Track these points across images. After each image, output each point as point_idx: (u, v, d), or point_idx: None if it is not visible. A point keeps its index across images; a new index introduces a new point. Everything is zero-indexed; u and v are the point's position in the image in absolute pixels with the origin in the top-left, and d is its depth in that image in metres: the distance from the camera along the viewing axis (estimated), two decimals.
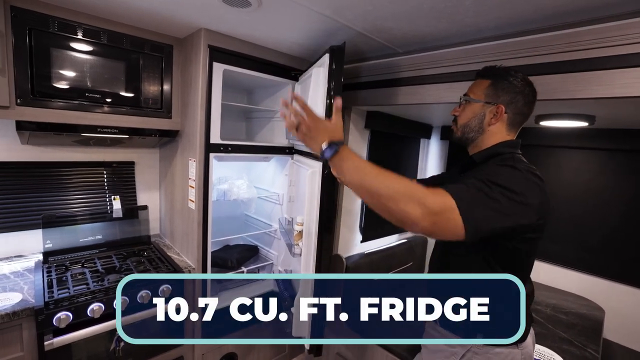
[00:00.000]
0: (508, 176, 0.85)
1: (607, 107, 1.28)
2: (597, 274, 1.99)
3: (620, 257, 1.92)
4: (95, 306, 1.30)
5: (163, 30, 1.55)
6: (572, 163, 2.05)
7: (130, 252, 1.75)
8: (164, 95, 1.62)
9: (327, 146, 0.87)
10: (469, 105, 1.03)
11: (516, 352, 0.97)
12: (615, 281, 1.92)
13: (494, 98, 0.98)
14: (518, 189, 0.81)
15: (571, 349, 1.42)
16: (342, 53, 1.27)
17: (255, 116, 2.22)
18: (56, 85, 1.33)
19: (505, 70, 0.99)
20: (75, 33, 1.35)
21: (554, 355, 1.36)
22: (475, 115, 1.01)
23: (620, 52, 0.98)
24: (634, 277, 1.87)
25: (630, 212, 1.87)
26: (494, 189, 0.80)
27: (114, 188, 1.83)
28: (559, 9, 1.02)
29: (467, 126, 1.03)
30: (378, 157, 2.21)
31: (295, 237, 1.45)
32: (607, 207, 1.95)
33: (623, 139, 1.81)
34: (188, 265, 1.64)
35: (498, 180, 0.82)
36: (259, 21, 1.34)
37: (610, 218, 1.94)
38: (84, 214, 1.73)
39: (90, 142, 1.64)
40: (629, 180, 1.88)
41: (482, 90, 1.00)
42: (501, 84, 0.97)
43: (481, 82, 1.02)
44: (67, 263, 1.57)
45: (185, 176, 1.67)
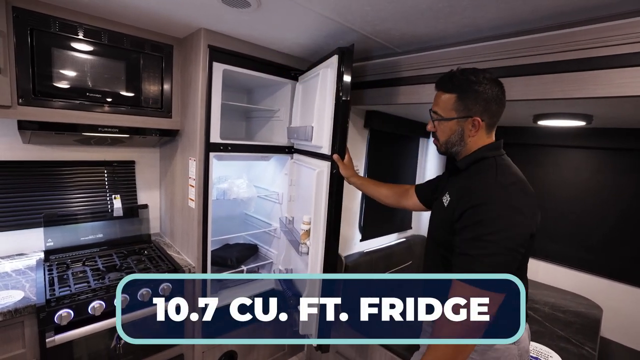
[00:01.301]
0: (491, 218, 0.84)
1: (605, 107, 1.29)
2: (596, 272, 2.00)
3: (618, 256, 1.92)
4: (96, 304, 1.32)
5: (163, 30, 1.56)
6: (570, 162, 2.06)
7: (130, 251, 1.76)
8: (164, 94, 1.63)
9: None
10: (443, 123, 1.00)
11: (513, 347, 0.98)
12: (614, 280, 1.93)
13: (466, 112, 0.96)
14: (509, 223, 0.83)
15: (568, 347, 1.43)
16: (351, 55, 1.28)
17: (255, 115, 2.23)
18: (57, 85, 1.34)
19: (466, 80, 0.95)
20: (76, 33, 1.36)
21: (552, 353, 1.37)
22: (453, 131, 0.99)
23: (617, 51, 0.99)
24: (632, 276, 1.88)
25: (628, 210, 1.88)
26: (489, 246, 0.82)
27: (115, 187, 1.84)
28: (556, 9, 1.03)
29: (448, 142, 1.01)
30: (377, 156, 2.22)
31: (302, 236, 1.46)
32: (605, 206, 1.96)
33: (621, 138, 1.81)
34: (188, 264, 1.65)
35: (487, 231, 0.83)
36: (258, 21, 1.35)
37: (608, 217, 1.95)
38: (85, 212, 1.74)
39: (91, 141, 1.65)
40: (627, 179, 1.88)
41: (450, 106, 0.97)
42: (468, 95, 0.94)
43: (446, 97, 0.98)
44: (69, 261, 1.59)
45: (185, 175, 1.68)
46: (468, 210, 0.87)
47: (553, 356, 1.36)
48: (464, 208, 0.88)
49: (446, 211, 0.97)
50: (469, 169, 0.98)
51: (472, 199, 0.87)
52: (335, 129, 1.32)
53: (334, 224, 1.34)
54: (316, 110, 1.40)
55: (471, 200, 0.87)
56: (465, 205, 0.88)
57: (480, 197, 0.86)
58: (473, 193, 0.89)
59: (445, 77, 1.00)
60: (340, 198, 1.35)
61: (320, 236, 1.37)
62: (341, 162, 1.37)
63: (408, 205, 1.39)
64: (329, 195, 1.36)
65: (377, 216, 2.28)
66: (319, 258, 1.39)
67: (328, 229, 1.35)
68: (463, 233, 0.88)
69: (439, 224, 1.02)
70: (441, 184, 1.15)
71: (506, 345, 0.98)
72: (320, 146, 1.42)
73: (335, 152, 1.34)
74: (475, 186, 0.90)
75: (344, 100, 1.28)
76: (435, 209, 1.08)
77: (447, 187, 1.03)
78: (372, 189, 1.45)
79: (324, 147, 1.40)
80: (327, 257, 1.37)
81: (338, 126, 1.30)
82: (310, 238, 1.42)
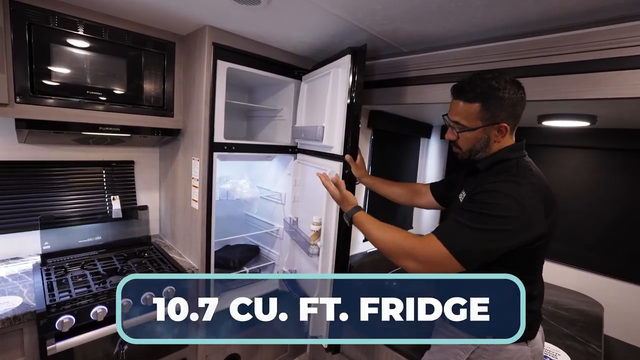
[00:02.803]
0: (498, 202, 0.85)
1: (610, 107, 1.30)
2: (596, 271, 2.03)
3: (618, 254, 1.96)
4: (99, 309, 1.27)
5: (165, 27, 1.52)
6: (571, 162, 2.09)
7: (131, 253, 1.71)
8: (166, 93, 1.59)
9: (346, 213, 1.17)
10: (467, 133, 0.97)
11: (526, 349, 0.98)
12: (614, 278, 1.96)
13: (492, 119, 0.93)
14: (508, 213, 0.83)
15: (575, 345, 1.45)
16: (364, 55, 1.27)
17: (256, 115, 2.20)
18: (56, 83, 1.29)
19: (489, 87, 0.91)
20: (75, 29, 1.32)
21: (559, 352, 1.38)
22: (478, 139, 0.97)
23: (629, 53, 1.00)
24: (632, 274, 1.91)
25: (628, 210, 1.92)
26: (485, 219, 0.84)
27: (113, 188, 1.79)
28: (566, 11, 1.03)
29: (472, 150, 1.00)
30: (380, 156, 2.21)
31: (312, 237, 1.43)
32: (606, 205, 1.99)
33: (621, 139, 1.84)
34: (191, 266, 1.62)
35: (488, 209, 0.85)
36: (265, 19, 1.32)
37: (608, 216, 1.98)
38: (82, 214, 1.68)
39: (89, 141, 1.60)
40: (627, 179, 1.92)
41: (475, 116, 0.94)
42: (492, 102, 0.92)
43: (469, 107, 0.94)
44: (67, 265, 1.53)
45: (187, 176, 1.64)
46: (479, 193, 0.89)
47: (561, 354, 1.37)
48: (477, 191, 0.90)
49: (460, 205, 0.97)
50: (490, 170, 0.98)
51: (487, 186, 0.89)
52: (348, 129, 1.30)
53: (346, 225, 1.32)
54: (327, 110, 1.38)
55: (485, 186, 0.89)
56: (478, 189, 0.90)
57: (495, 186, 0.88)
58: (489, 183, 0.90)
59: (465, 85, 0.95)
60: None
61: (332, 237, 1.35)
62: (353, 162, 1.35)
63: (421, 203, 1.38)
64: None
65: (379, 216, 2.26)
66: (330, 259, 1.37)
67: (339, 230, 1.33)
68: (465, 204, 0.91)
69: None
70: (458, 183, 1.14)
71: (519, 346, 0.98)
72: (331, 146, 1.40)
73: (347, 153, 1.33)
74: (492, 184, 0.90)
75: (356, 101, 1.26)
76: (453, 207, 1.09)
77: (465, 186, 1.03)
78: (384, 189, 1.44)
79: (335, 147, 1.38)
80: (338, 258, 1.35)
81: (350, 126, 1.29)
82: (321, 239, 1.40)
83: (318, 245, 1.42)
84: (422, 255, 0.89)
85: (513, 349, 0.97)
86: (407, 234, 0.97)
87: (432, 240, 0.88)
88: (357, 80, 1.25)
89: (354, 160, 1.35)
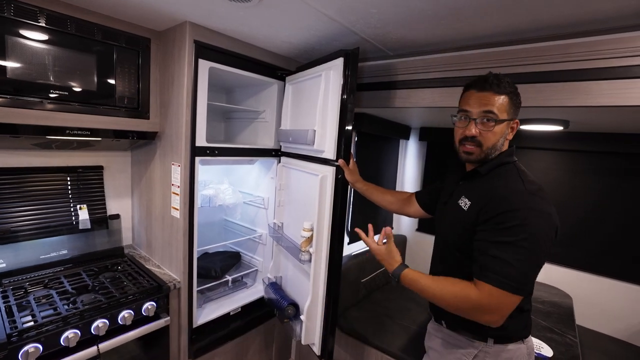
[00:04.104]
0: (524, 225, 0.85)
1: (582, 113, 1.39)
2: (564, 264, 2.19)
3: (584, 248, 2.12)
4: (70, 334, 1.14)
5: (138, 21, 1.40)
6: (542, 163, 2.23)
7: (102, 267, 1.57)
8: (142, 93, 1.46)
9: (392, 274, 1.07)
10: (497, 126, 0.95)
11: (522, 347, 1.02)
12: (581, 270, 2.12)
13: (513, 114, 0.97)
14: (538, 231, 0.86)
15: (554, 337, 1.54)
16: (357, 58, 1.24)
17: (235, 117, 2.11)
18: (13, 80, 1.14)
19: (509, 83, 0.96)
20: (36, 19, 1.17)
21: (542, 344, 1.46)
22: (502, 134, 0.97)
23: (606, 65, 1.06)
24: (597, 267, 2.08)
25: (595, 208, 2.08)
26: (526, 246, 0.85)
27: (80, 196, 1.63)
28: (553, 21, 1.08)
29: (494, 147, 0.97)
30: (363, 157, 2.21)
31: (303, 243, 1.39)
32: (575, 203, 2.14)
33: (591, 141, 1.99)
34: (172, 279, 1.51)
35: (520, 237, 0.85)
36: (253, 17, 1.26)
37: (577, 214, 2.14)
38: (44, 226, 1.51)
39: (52, 145, 1.44)
40: (594, 179, 2.08)
41: (505, 108, 0.95)
42: (515, 98, 0.97)
43: (500, 99, 0.94)
44: (27, 285, 1.37)
45: (166, 182, 1.53)
46: (500, 214, 0.88)
47: (544, 347, 1.45)
48: (495, 212, 0.89)
49: (467, 215, 0.97)
50: (490, 174, 0.99)
51: (504, 205, 0.88)
52: (341, 133, 1.27)
53: (339, 229, 1.30)
54: (319, 114, 1.34)
55: (502, 205, 0.88)
56: (496, 209, 0.89)
57: (513, 204, 0.87)
58: (504, 199, 0.89)
59: (490, 78, 0.96)
60: (345, 203, 1.31)
61: (324, 243, 1.32)
62: (347, 167, 1.33)
63: (410, 212, 1.39)
64: (333, 201, 1.31)
65: (362, 219, 2.28)
66: (322, 265, 1.34)
67: (333, 235, 1.30)
68: (492, 236, 0.89)
69: (456, 228, 1.01)
70: (447, 191, 1.14)
71: (517, 345, 1.01)
72: (323, 150, 1.36)
73: (340, 157, 1.30)
74: (505, 192, 0.91)
75: (350, 105, 1.24)
76: (449, 213, 1.07)
77: (463, 192, 1.03)
78: (376, 196, 1.44)
79: (326, 151, 1.35)
80: (331, 264, 1.32)
81: (343, 130, 1.26)
82: (313, 245, 1.36)
83: (310, 252, 1.38)
84: (492, 307, 0.87)
85: (512, 348, 1.01)
86: (463, 285, 0.92)
87: (491, 290, 0.86)
88: (351, 83, 1.23)
89: (347, 165, 1.33)
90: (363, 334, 1.82)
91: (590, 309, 2.08)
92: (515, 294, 0.85)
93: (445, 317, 1.11)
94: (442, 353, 1.11)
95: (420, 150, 2.77)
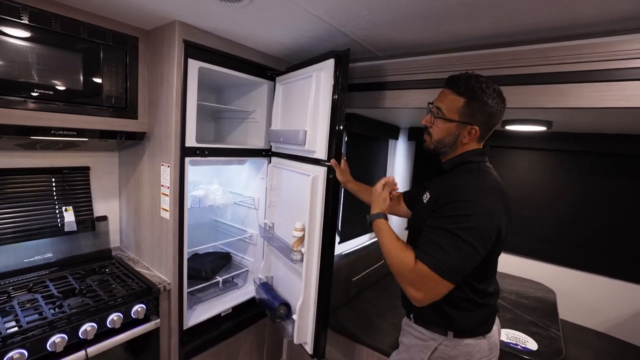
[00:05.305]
0: (465, 216, 0.87)
1: (564, 114, 1.44)
2: (548, 260, 2.26)
3: (566, 245, 2.19)
4: (57, 338, 1.12)
5: (126, 20, 1.38)
6: (525, 163, 2.29)
7: (89, 270, 1.54)
8: (129, 93, 1.44)
9: (369, 215, 1.11)
10: (442, 122, 1.00)
11: (483, 342, 1.04)
12: (564, 266, 2.19)
13: (469, 119, 0.97)
14: (479, 224, 0.87)
15: (538, 331, 1.59)
16: (347, 59, 1.26)
17: (225, 117, 2.09)
18: None
19: (479, 88, 0.95)
20: (18, 16, 1.14)
21: (527, 338, 1.51)
22: (450, 133, 1.00)
23: (586, 68, 1.11)
24: (579, 262, 2.15)
25: (578, 206, 2.15)
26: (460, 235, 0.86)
27: (65, 198, 1.59)
28: (537, 25, 1.12)
29: (440, 142, 1.02)
30: (354, 157, 2.23)
31: (295, 243, 1.39)
32: (558, 201, 2.21)
33: (575, 142, 2.06)
34: (162, 281, 1.49)
35: (458, 225, 0.87)
36: (244, 17, 1.25)
37: (559, 211, 2.21)
38: (28, 229, 1.47)
39: (37, 145, 1.40)
40: (578, 178, 2.15)
41: (456, 109, 0.97)
42: (477, 104, 0.95)
43: (455, 99, 0.97)
44: (10, 289, 1.33)
45: (155, 183, 1.51)
46: (447, 204, 0.91)
47: (529, 341, 1.49)
48: (443, 202, 0.92)
49: (426, 207, 1.01)
50: (454, 171, 1.02)
51: (454, 195, 0.91)
52: (332, 133, 1.28)
53: (331, 229, 1.31)
54: (310, 114, 1.35)
55: (452, 195, 0.91)
56: (445, 200, 0.92)
57: (461, 195, 0.90)
58: (454, 190, 0.92)
59: (460, 78, 0.98)
60: (337, 203, 1.32)
61: (316, 242, 1.33)
62: (338, 167, 1.34)
63: (399, 212, 1.41)
64: (325, 201, 1.32)
65: (352, 218, 2.30)
66: (314, 265, 1.35)
67: (324, 235, 1.31)
68: (435, 222, 0.92)
69: (420, 221, 1.02)
70: (423, 186, 1.18)
71: (477, 340, 1.03)
72: (314, 151, 1.37)
73: (332, 157, 1.31)
74: (458, 185, 0.94)
75: (341, 105, 1.25)
76: (418, 209, 1.11)
77: (429, 187, 1.07)
78: (367, 195, 1.45)
79: (318, 152, 1.36)
80: (323, 263, 1.33)
81: (335, 131, 1.27)
82: (304, 245, 1.37)
83: (302, 252, 1.39)
84: (418, 283, 0.88)
85: (472, 343, 1.03)
86: (409, 254, 0.93)
87: (423, 268, 0.88)
88: (342, 84, 1.24)
89: (338, 165, 1.34)
90: (354, 333, 1.84)
91: (572, 303, 2.16)
92: (444, 278, 0.86)
93: (412, 310, 1.13)
94: (408, 346, 1.13)
95: (409, 150, 2.80)
